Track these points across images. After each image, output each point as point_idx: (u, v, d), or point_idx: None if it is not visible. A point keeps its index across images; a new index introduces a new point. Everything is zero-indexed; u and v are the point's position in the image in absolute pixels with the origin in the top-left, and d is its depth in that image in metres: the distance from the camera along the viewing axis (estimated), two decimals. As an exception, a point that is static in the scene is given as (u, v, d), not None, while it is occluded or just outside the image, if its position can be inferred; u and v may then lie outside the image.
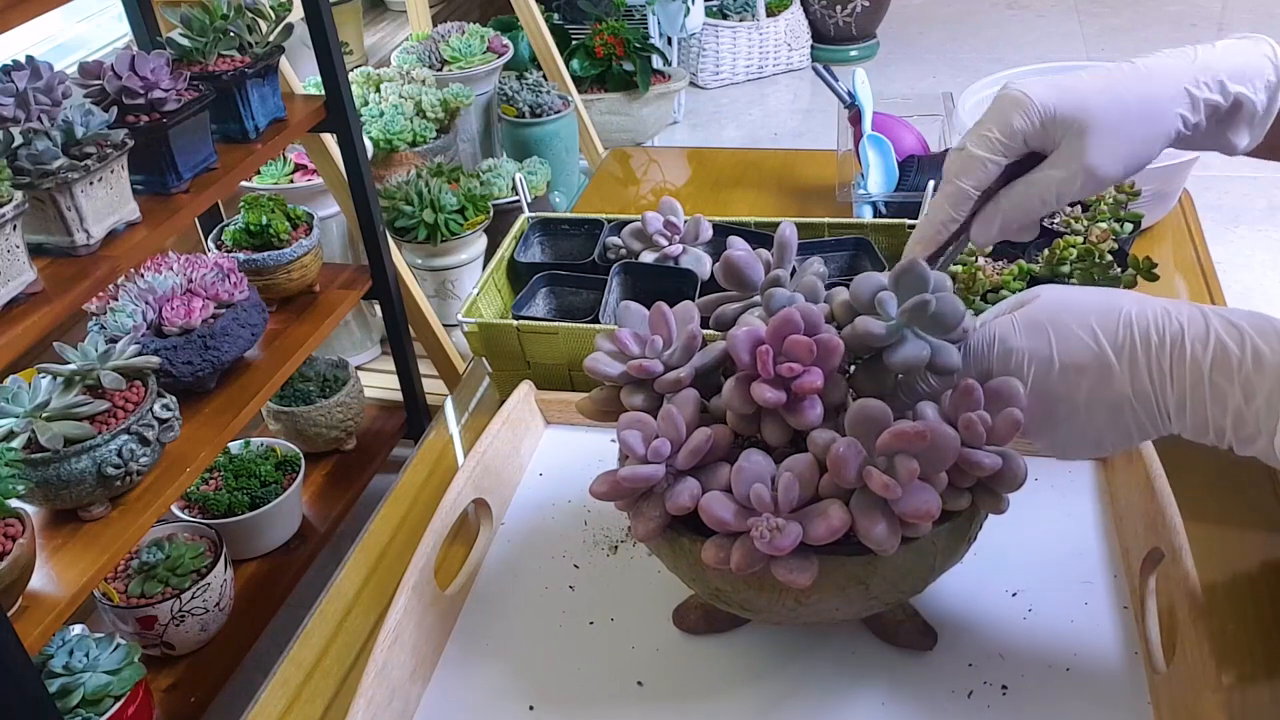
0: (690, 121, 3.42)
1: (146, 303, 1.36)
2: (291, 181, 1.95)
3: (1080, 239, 0.91)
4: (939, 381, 0.58)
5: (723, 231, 0.98)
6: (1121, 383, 0.54)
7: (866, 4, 3.64)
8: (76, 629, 1.29)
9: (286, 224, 1.65)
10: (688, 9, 3.14)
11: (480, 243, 2.15)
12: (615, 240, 1.00)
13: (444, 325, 1.99)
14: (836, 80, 1.25)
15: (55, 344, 1.21)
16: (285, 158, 1.97)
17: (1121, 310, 0.54)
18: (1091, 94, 0.58)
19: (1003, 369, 0.56)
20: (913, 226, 0.79)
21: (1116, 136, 0.58)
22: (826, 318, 0.59)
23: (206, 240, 1.74)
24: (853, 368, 0.61)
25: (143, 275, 1.40)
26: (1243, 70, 0.59)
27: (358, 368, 1.98)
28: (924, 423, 0.53)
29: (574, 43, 2.97)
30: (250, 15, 1.51)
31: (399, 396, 1.93)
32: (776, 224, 0.68)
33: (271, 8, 1.55)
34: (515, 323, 0.90)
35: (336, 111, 1.59)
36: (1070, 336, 0.55)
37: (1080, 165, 0.58)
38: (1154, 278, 0.89)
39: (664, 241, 0.97)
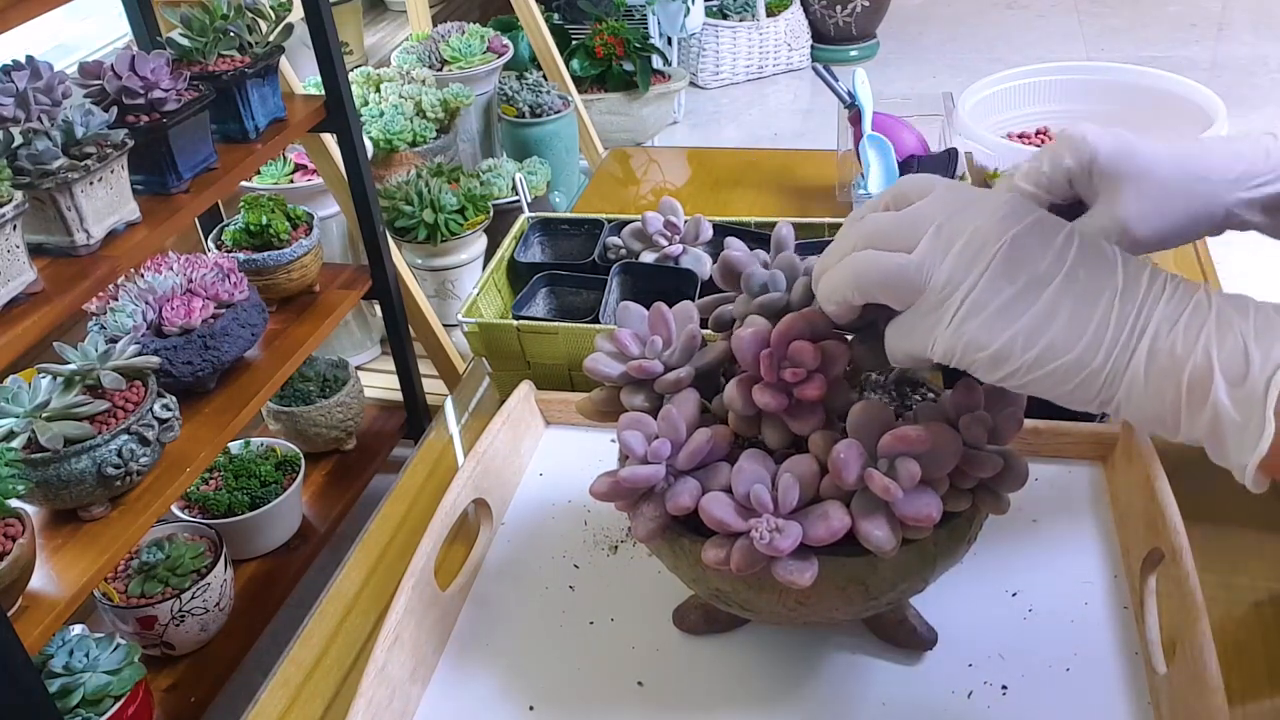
0: (690, 121, 3.42)
1: (146, 303, 1.36)
2: (291, 181, 1.95)
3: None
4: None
5: (723, 231, 0.98)
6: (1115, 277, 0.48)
7: (866, 4, 3.64)
8: (76, 629, 1.29)
9: (286, 224, 1.65)
10: (688, 9, 3.14)
11: (480, 243, 2.15)
12: (615, 240, 1.00)
13: (444, 325, 1.99)
14: (836, 80, 1.25)
15: (55, 344, 1.21)
16: (285, 158, 1.97)
17: None
18: (1145, 151, 0.56)
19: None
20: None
21: (1157, 200, 0.55)
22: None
23: (206, 240, 1.74)
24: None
25: (143, 275, 1.40)
26: None
27: (358, 368, 1.98)
28: (926, 425, 0.53)
29: (574, 43, 2.97)
30: (250, 15, 1.51)
31: (399, 396, 1.93)
32: (776, 224, 0.68)
33: (271, 8, 1.55)
34: (515, 323, 0.90)
35: (336, 111, 1.59)
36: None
37: (1114, 219, 0.55)
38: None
39: (664, 241, 0.97)
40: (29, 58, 1.17)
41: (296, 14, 1.69)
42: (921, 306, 0.49)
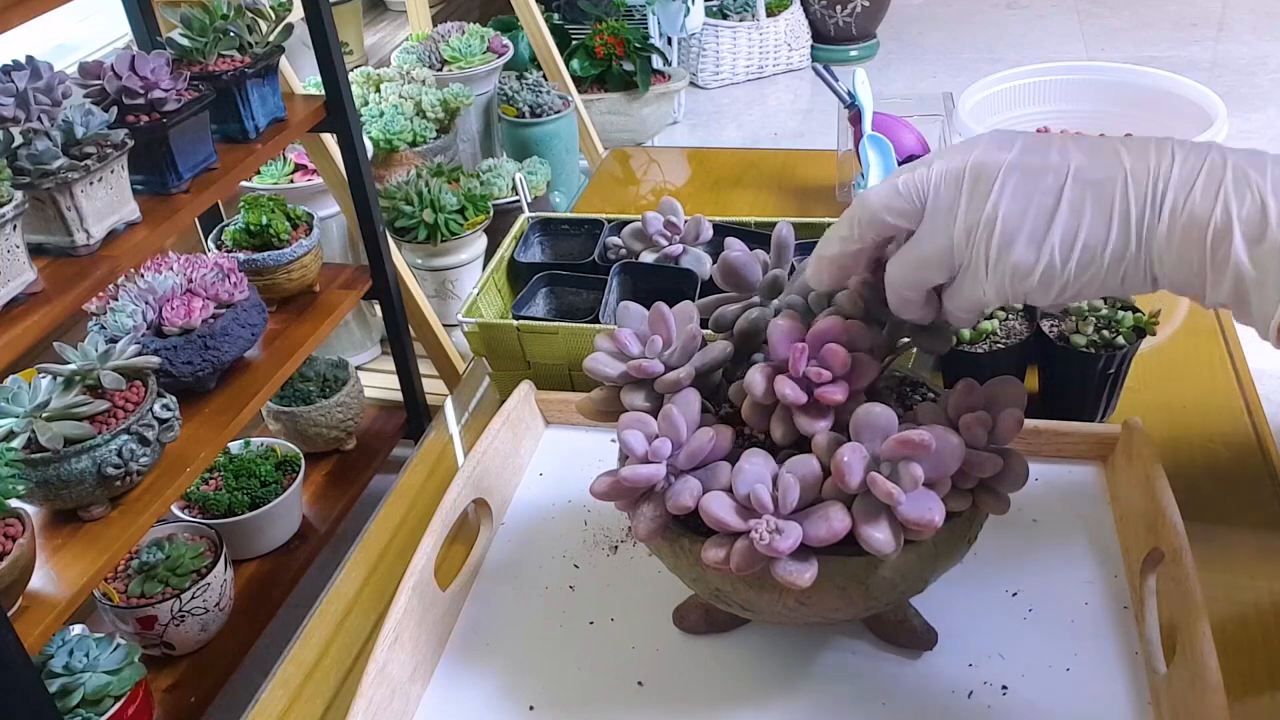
0: (690, 121, 3.42)
1: (146, 303, 1.36)
2: (291, 181, 1.95)
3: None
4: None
5: (723, 231, 0.98)
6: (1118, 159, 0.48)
7: (866, 4, 3.64)
8: (76, 629, 1.29)
9: (286, 224, 1.65)
10: (688, 9, 3.14)
11: (480, 243, 2.15)
12: (615, 240, 1.00)
13: (444, 325, 1.99)
14: (836, 80, 1.25)
15: (55, 344, 1.21)
16: (285, 158, 1.97)
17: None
18: None
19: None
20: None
21: None
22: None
23: (206, 240, 1.74)
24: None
25: (143, 275, 1.40)
26: None
27: (358, 368, 1.98)
28: (929, 428, 0.53)
29: (574, 43, 2.97)
30: (250, 15, 1.51)
31: (399, 396, 1.93)
32: (776, 224, 0.68)
33: (271, 8, 1.55)
34: (515, 323, 0.90)
35: (336, 111, 1.59)
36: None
37: None
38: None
39: (664, 241, 0.97)
40: (29, 58, 1.17)
41: (296, 14, 1.69)
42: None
